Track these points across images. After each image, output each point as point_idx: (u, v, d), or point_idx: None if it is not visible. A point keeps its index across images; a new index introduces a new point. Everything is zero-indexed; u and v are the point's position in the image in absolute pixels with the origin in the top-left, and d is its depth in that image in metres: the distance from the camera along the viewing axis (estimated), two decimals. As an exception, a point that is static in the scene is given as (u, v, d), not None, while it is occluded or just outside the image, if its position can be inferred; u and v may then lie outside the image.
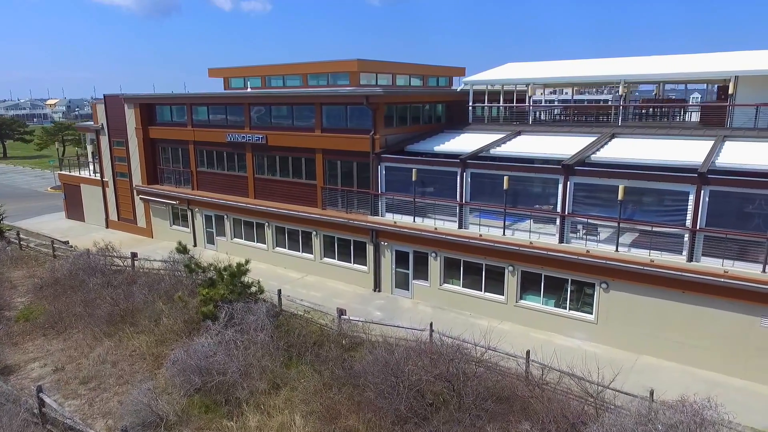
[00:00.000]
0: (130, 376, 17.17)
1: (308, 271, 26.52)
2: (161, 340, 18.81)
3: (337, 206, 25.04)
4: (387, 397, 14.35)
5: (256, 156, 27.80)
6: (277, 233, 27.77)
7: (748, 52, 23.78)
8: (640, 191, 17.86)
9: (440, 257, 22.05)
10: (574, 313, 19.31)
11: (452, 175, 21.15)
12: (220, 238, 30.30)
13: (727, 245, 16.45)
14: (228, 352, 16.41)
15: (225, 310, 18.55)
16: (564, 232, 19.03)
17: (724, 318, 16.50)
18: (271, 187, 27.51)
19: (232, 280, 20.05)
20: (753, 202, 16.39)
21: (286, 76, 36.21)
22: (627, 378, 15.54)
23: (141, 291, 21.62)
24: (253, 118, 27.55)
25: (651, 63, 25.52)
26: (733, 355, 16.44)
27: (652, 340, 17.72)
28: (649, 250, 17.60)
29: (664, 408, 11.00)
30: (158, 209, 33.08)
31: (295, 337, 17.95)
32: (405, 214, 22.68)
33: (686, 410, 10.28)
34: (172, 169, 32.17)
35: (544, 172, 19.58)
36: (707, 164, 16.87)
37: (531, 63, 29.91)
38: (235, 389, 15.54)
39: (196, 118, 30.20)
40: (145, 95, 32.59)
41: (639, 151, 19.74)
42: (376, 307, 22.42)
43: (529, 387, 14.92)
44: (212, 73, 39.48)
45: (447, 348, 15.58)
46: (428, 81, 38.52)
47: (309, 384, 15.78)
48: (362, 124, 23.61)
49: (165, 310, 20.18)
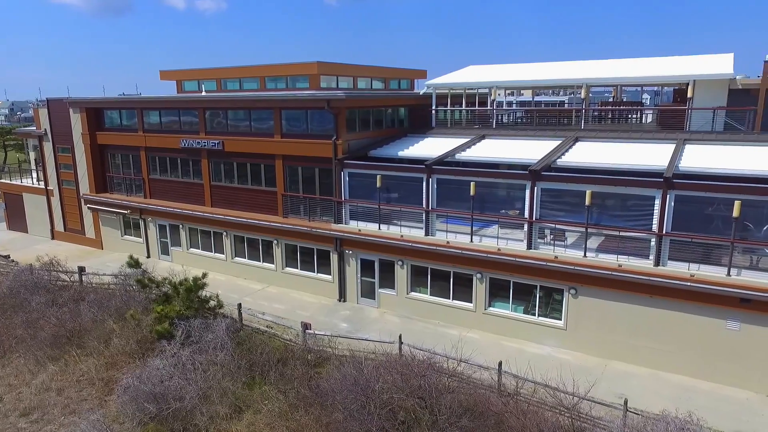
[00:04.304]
0: (78, 405, 15.87)
1: (270, 282, 25.53)
2: (112, 362, 17.56)
3: (299, 214, 24.17)
4: (357, 418, 13.66)
5: (213, 162, 26.60)
6: (236, 243, 26.66)
7: (704, 56, 24.25)
8: (607, 196, 17.79)
9: (407, 265, 21.51)
10: (544, 320, 19.10)
11: (418, 181, 20.64)
12: (175, 249, 28.91)
13: (692, 249, 16.52)
14: (185, 375, 15.37)
15: (181, 328, 17.53)
16: (532, 238, 18.80)
17: (690, 322, 16.56)
18: (228, 195, 26.38)
19: (188, 295, 18.98)
20: (714, 205, 16.54)
21: (242, 79, 35.00)
22: (598, 385, 15.33)
23: (89, 309, 20.22)
24: (209, 123, 26.36)
25: (611, 66, 25.73)
26: (701, 358, 16.51)
27: (621, 346, 17.66)
28: (617, 255, 17.54)
29: (647, 422, 10.73)
30: (108, 219, 31.35)
31: (257, 355, 17.02)
32: (370, 221, 22.04)
33: (670, 428, 10.02)
34: (122, 176, 30.52)
35: (511, 177, 19.31)
36: (671, 168, 16.92)
37: (493, 66, 29.80)
38: (193, 415, 14.53)
39: (148, 122, 28.73)
40: (92, 99, 30.78)
41: (603, 155, 19.72)
42: (342, 318, 21.68)
43: (502, 400, 14.51)
44: (164, 75, 37.80)
45: (418, 362, 15.03)
46: (390, 84, 38.03)
47: (274, 406, 14.91)
48: (324, 128, 22.85)
49: (116, 330, 18.89)
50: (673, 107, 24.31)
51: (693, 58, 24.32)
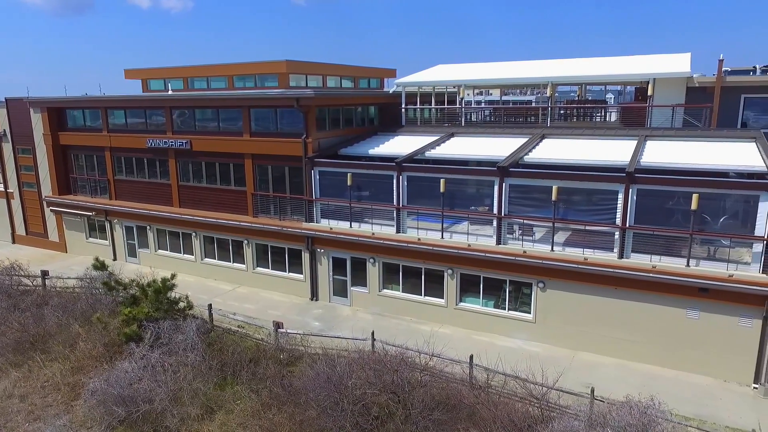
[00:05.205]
0: (42, 411, 15.46)
1: (241, 282, 25.29)
2: (78, 367, 17.14)
3: (270, 213, 24.00)
4: (330, 415, 13.70)
5: (180, 162, 26.20)
6: (206, 243, 26.31)
7: (663, 56, 25.04)
8: (573, 191, 18.22)
9: (379, 263, 21.60)
10: (514, 314, 19.44)
11: (388, 178, 20.75)
12: (143, 251, 28.35)
13: (654, 241, 17.06)
14: (155, 377, 15.12)
15: (150, 330, 17.22)
16: (501, 234, 19.12)
17: (654, 311, 17.10)
18: (197, 195, 26.01)
19: (157, 296, 18.65)
20: (674, 198, 17.13)
21: (210, 78, 34.50)
22: (566, 376, 15.71)
23: (54, 313, 19.72)
24: (176, 122, 25.94)
25: (575, 65, 26.32)
26: (664, 347, 17.07)
27: (588, 337, 18.11)
28: (583, 248, 17.98)
29: (612, 408, 11.07)
30: (72, 221, 30.53)
31: (228, 356, 16.87)
32: (341, 219, 22.05)
33: (633, 412, 10.36)
34: (86, 177, 29.77)
35: (480, 174, 19.59)
36: (634, 164, 17.43)
37: (461, 65, 30.15)
38: (164, 417, 14.32)
39: (113, 122, 28.10)
40: (54, 98, 29.93)
41: (569, 151, 20.19)
42: (315, 317, 21.63)
43: (474, 392, 14.74)
44: (129, 74, 36.97)
45: (390, 358, 15.13)
46: (359, 82, 38.05)
47: (246, 405, 14.81)
48: (294, 127, 22.76)
49: (82, 334, 18.45)
50: (635, 105, 25.06)
51: (653, 58, 25.08)
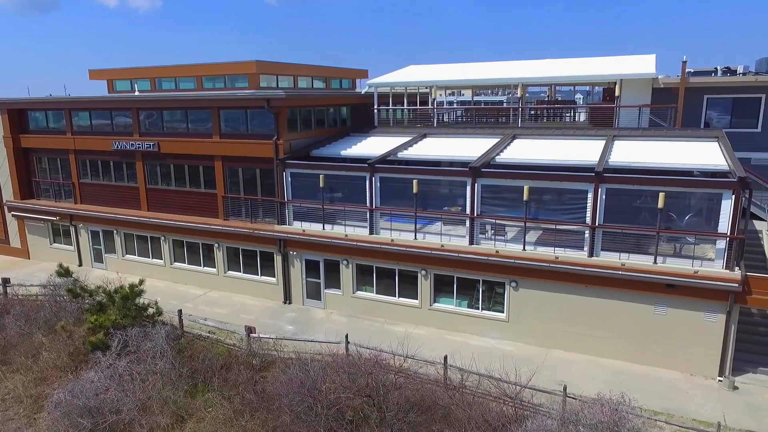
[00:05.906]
0: (3, 426, 14.86)
1: (212, 287, 24.85)
2: (41, 378, 16.57)
3: (241, 216, 23.64)
4: (304, 420, 13.52)
5: (148, 165, 25.61)
6: (175, 247, 25.78)
7: (629, 57, 25.55)
8: (544, 191, 18.42)
9: (352, 264, 21.47)
10: (487, 313, 19.55)
11: (361, 180, 20.65)
12: (109, 256, 27.63)
13: (623, 239, 17.36)
14: (122, 387, 14.70)
15: (118, 338, 16.77)
16: (474, 234, 19.20)
17: (623, 308, 17.40)
18: (166, 198, 25.46)
19: (124, 303, 18.19)
20: (641, 197, 17.45)
21: (179, 79, 33.81)
22: (540, 374, 15.85)
23: (15, 323, 19.02)
24: (144, 124, 25.35)
25: (545, 66, 26.66)
26: (634, 343, 17.38)
27: (560, 335, 18.33)
28: (554, 247, 18.19)
29: (584, 406, 11.19)
30: (35, 226, 29.58)
31: (199, 362, 16.53)
32: (314, 221, 21.85)
33: (604, 409, 10.50)
34: (50, 181, 28.88)
35: (452, 174, 19.64)
36: (602, 163, 17.71)
37: (433, 65, 30.24)
38: (132, 428, 13.93)
39: (77, 124, 27.30)
40: (14, 99, 28.91)
41: (540, 151, 20.41)
42: (288, 320, 21.38)
43: (448, 393, 14.75)
44: (94, 74, 35.97)
45: (364, 360, 15.01)
46: (331, 83, 37.83)
47: (218, 413, 14.53)
48: (264, 128, 22.46)
49: (45, 343, 17.85)
50: (603, 105, 25.49)
51: (620, 59, 25.57)
